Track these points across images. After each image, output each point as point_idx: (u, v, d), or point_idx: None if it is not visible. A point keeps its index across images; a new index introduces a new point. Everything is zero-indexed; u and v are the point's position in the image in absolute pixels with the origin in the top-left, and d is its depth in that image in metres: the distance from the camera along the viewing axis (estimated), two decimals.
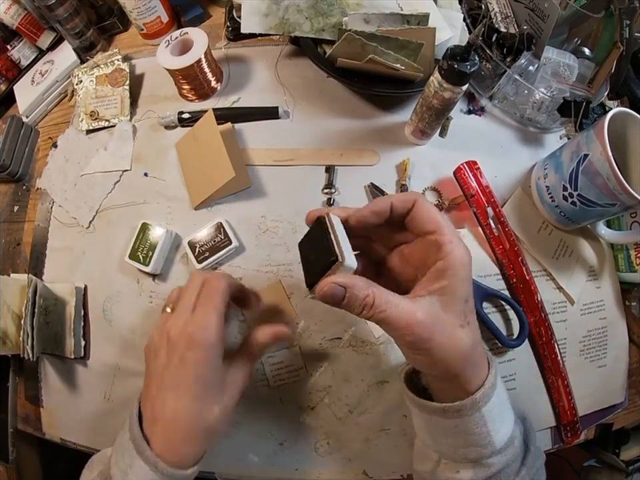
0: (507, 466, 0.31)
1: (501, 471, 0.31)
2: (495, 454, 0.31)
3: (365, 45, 0.44)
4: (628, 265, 0.48)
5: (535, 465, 0.32)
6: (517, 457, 0.31)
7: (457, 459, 0.32)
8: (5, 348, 0.43)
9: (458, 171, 0.47)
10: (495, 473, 0.30)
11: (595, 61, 0.52)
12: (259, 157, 0.50)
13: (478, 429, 0.30)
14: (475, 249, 0.47)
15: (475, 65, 0.37)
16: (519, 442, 0.32)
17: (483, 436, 0.30)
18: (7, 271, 0.52)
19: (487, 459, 0.31)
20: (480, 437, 0.30)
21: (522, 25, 0.51)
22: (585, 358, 0.47)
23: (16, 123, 0.55)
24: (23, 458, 0.53)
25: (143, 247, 0.46)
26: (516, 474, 0.31)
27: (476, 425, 0.30)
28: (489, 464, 0.31)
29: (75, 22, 0.55)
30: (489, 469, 0.31)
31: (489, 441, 0.30)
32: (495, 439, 0.30)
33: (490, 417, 0.30)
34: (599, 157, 0.38)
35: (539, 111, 0.50)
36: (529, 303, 0.45)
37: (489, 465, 0.31)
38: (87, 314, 0.49)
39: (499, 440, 0.31)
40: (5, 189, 0.57)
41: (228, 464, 0.46)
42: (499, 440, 0.31)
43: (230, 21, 0.56)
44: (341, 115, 0.52)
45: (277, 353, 0.45)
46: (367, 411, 0.45)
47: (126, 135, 0.53)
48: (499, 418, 0.31)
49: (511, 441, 0.31)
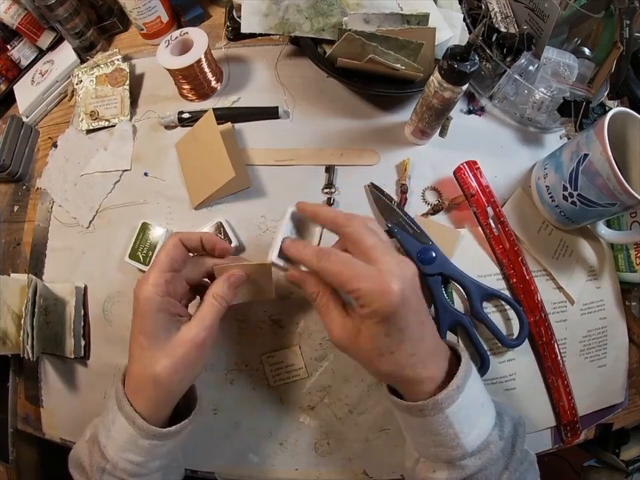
0: (484, 469, 0.31)
1: (477, 473, 0.31)
2: (468, 456, 0.31)
3: (365, 45, 0.44)
4: (628, 265, 0.48)
5: (519, 469, 0.32)
6: (495, 461, 0.31)
7: (431, 459, 0.33)
8: (5, 348, 0.43)
9: (458, 170, 0.47)
10: (470, 475, 0.31)
11: (595, 61, 0.52)
12: (259, 157, 0.50)
13: (443, 429, 0.30)
14: (475, 248, 0.47)
15: (474, 65, 0.37)
16: (497, 447, 0.31)
17: (449, 437, 0.30)
18: (7, 271, 0.52)
19: (459, 460, 0.31)
20: (446, 438, 0.31)
21: (522, 25, 0.51)
22: (585, 358, 0.47)
23: (16, 123, 0.55)
24: (23, 458, 0.54)
25: (143, 247, 0.46)
26: (497, 478, 0.31)
27: (441, 425, 0.30)
28: (462, 466, 0.31)
29: (75, 22, 0.55)
30: (463, 471, 0.31)
31: (457, 443, 0.30)
32: (464, 441, 0.30)
33: (456, 418, 0.30)
34: (599, 156, 0.38)
35: (539, 111, 0.50)
36: (529, 303, 0.45)
37: (463, 466, 0.31)
38: (87, 314, 0.49)
39: (469, 443, 0.31)
40: (5, 189, 0.57)
41: (228, 464, 0.46)
42: (469, 443, 0.31)
43: (230, 21, 0.56)
44: (341, 115, 0.52)
45: (277, 353, 0.45)
46: (367, 411, 0.45)
47: (126, 134, 0.53)
48: (468, 421, 0.31)
49: (485, 446, 0.31)
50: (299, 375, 0.45)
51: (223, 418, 0.45)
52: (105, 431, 0.34)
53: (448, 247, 0.46)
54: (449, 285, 0.45)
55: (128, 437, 0.33)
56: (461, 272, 0.44)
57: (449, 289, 0.45)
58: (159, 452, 0.34)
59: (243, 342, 0.46)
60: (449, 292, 0.45)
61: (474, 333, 0.43)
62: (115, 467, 0.33)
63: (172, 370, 0.32)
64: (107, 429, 0.34)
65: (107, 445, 0.33)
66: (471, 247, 0.47)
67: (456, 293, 0.45)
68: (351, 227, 0.32)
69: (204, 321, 0.33)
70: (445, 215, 0.48)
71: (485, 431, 0.32)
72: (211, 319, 0.33)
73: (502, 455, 0.31)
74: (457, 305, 0.45)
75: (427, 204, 0.48)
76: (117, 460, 0.33)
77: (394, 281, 0.29)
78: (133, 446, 0.33)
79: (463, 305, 0.45)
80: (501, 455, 0.31)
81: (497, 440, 0.31)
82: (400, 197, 0.48)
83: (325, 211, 0.35)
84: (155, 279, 0.33)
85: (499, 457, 0.31)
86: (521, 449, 0.33)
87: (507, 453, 0.32)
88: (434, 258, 0.43)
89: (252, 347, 0.46)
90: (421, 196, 0.49)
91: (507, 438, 0.32)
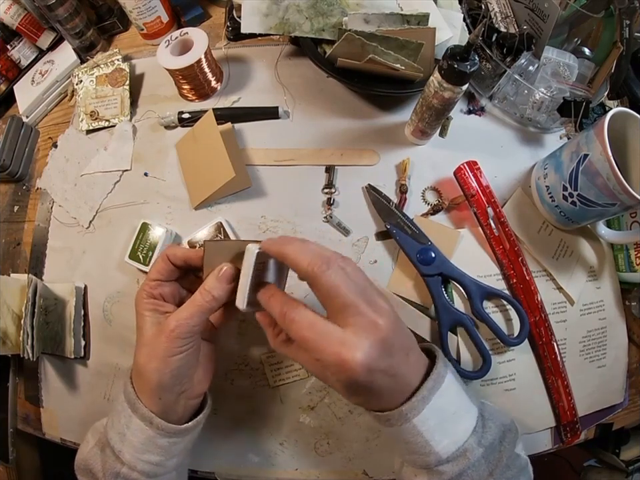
0: (464, 474, 0.30)
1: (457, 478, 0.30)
2: (444, 463, 0.31)
3: (365, 45, 0.44)
4: (628, 264, 0.48)
5: (506, 474, 0.32)
6: (476, 467, 0.31)
7: (410, 464, 0.33)
8: (4, 348, 0.43)
9: (458, 171, 0.47)
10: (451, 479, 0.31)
11: (595, 61, 0.52)
12: (259, 157, 0.50)
13: (413, 438, 0.30)
14: (475, 249, 0.47)
15: (474, 65, 0.37)
16: (474, 454, 0.31)
17: (420, 445, 0.30)
18: (7, 271, 0.53)
19: (436, 466, 0.31)
20: (417, 445, 0.31)
21: (522, 25, 0.51)
22: (584, 358, 0.47)
23: (16, 123, 0.55)
24: (23, 458, 0.54)
25: (142, 247, 0.46)
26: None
27: (410, 434, 0.30)
28: (439, 471, 0.31)
29: (75, 22, 0.55)
30: (441, 476, 0.31)
31: (429, 450, 0.30)
32: (436, 448, 0.30)
33: (425, 427, 0.30)
34: (599, 156, 0.38)
35: (539, 111, 0.50)
36: (529, 303, 0.45)
37: (440, 472, 0.31)
38: (87, 314, 0.49)
39: (443, 450, 0.30)
40: (5, 189, 0.57)
41: (228, 464, 0.46)
42: (443, 450, 0.30)
43: (230, 21, 0.56)
44: (341, 115, 0.52)
45: (277, 353, 0.45)
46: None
47: (126, 135, 0.53)
48: (439, 429, 0.31)
49: (461, 452, 0.31)
50: (298, 375, 0.45)
51: (223, 418, 0.45)
52: (119, 436, 0.34)
53: (448, 247, 0.46)
54: (449, 285, 0.45)
55: (145, 437, 0.33)
56: (460, 271, 0.44)
57: (449, 289, 0.45)
58: (177, 449, 0.35)
59: (243, 342, 0.46)
60: (449, 292, 0.45)
61: (475, 333, 0.43)
62: (131, 469, 0.33)
63: (146, 358, 0.33)
64: (120, 434, 0.34)
65: (122, 450, 0.33)
66: (471, 247, 0.47)
67: (456, 293, 0.45)
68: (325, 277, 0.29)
69: (179, 313, 0.33)
70: (444, 215, 0.48)
71: (459, 438, 0.31)
72: (188, 311, 0.33)
73: (484, 461, 0.31)
74: (457, 305, 0.45)
75: (427, 204, 0.48)
76: (134, 462, 0.33)
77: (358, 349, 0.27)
78: (151, 446, 0.33)
79: (463, 304, 0.45)
80: (483, 461, 0.31)
81: (474, 447, 0.31)
82: (400, 197, 0.48)
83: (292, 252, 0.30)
84: (144, 286, 0.36)
85: (480, 464, 0.31)
86: (509, 455, 0.32)
87: (491, 459, 0.31)
88: (433, 258, 0.44)
89: (252, 347, 0.46)
90: (421, 196, 0.49)
91: (489, 445, 0.32)
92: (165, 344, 0.32)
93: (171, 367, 0.33)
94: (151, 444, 0.33)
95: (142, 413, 0.33)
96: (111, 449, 0.34)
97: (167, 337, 0.32)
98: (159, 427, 0.33)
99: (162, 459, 0.34)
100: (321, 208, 0.48)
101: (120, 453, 0.33)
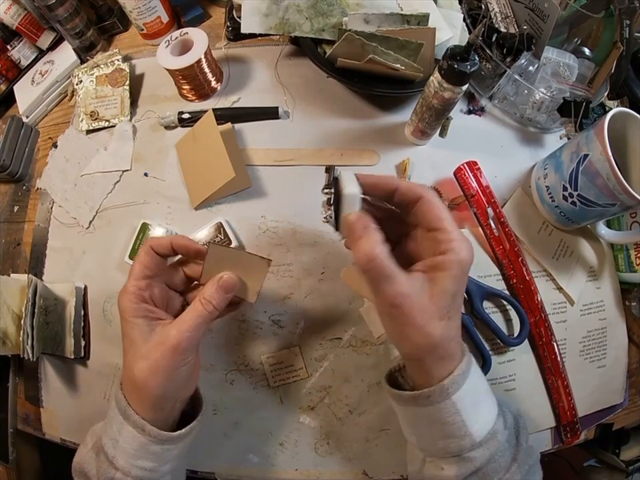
0: (492, 460, 0.31)
1: (486, 465, 0.30)
2: (476, 447, 0.30)
3: (365, 45, 0.44)
4: (628, 264, 0.48)
5: (528, 462, 0.32)
6: (503, 452, 0.31)
7: (439, 454, 0.32)
8: (4, 348, 0.43)
9: (458, 171, 0.47)
10: (480, 467, 0.30)
11: (595, 61, 0.52)
12: (259, 157, 0.50)
13: (451, 417, 0.30)
14: (475, 249, 0.47)
15: (474, 65, 0.37)
16: (503, 436, 0.31)
17: (457, 426, 0.30)
18: (7, 271, 0.53)
19: (468, 452, 0.30)
20: (454, 426, 0.30)
21: (522, 25, 0.51)
22: (584, 358, 0.47)
23: (16, 123, 0.55)
24: (23, 458, 0.54)
25: None
26: (506, 470, 0.31)
27: (448, 413, 0.30)
28: (470, 458, 0.30)
29: (75, 22, 0.55)
30: (472, 464, 0.30)
31: (465, 432, 0.30)
32: (472, 429, 0.30)
33: (462, 405, 0.30)
34: (599, 156, 0.38)
35: (539, 111, 0.50)
36: (529, 304, 0.45)
37: (471, 459, 0.30)
38: (87, 314, 0.49)
39: (477, 432, 0.30)
40: (5, 189, 0.57)
41: (228, 464, 0.46)
42: (477, 432, 0.30)
43: (230, 21, 0.56)
44: (341, 115, 0.52)
45: (277, 353, 0.45)
46: (367, 411, 0.45)
47: (126, 135, 0.53)
48: (474, 408, 0.31)
49: (493, 435, 0.31)
50: (298, 375, 0.45)
51: (223, 418, 0.45)
52: (112, 442, 0.33)
53: None
54: None
55: (138, 444, 0.32)
56: None
57: None
58: (170, 455, 0.34)
59: (243, 342, 0.46)
60: None
61: (475, 333, 0.43)
62: (126, 475, 0.33)
63: (148, 373, 0.31)
64: (113, 440, 0.33)
65: (115, 455, 0.33)
66: None
67: None
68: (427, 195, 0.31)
69: (182, 324, 0.32)
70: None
71: (490, 419, 0.32)
72: (190, 323, 0.32)
73: (508, 445, 0.32)
74: None
75: None
76: (128, 468, 0.33)
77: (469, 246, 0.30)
78: (144, 453, 0.33)
79: (463, 304, 0.45)
80: (507, 445, 0.31)
81: (502, 429, 0.32)
82: None
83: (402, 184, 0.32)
84: (130, 288, 0.33)
85: (506, 448, 0.31)
86: (526, 441, 0.33)
87: (512, 443, 0.32)
88: None
89: (252, 347, 0.46)
90: None
91: (510, 428, 0.32)
92: (169, 359, 0.31)
93: (175, 381, 0.32)
94: (143, 450, 0.33)
95: (134, 420, 0.32)
96: (104, 455, 0.33)
97: (172, 351, 0.31)
98: (151, 434, 0.32)
99: (155, 464, 0.33)
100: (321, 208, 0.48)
101: (114, 458, 0.33)
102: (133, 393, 0.33)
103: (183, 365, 0.32)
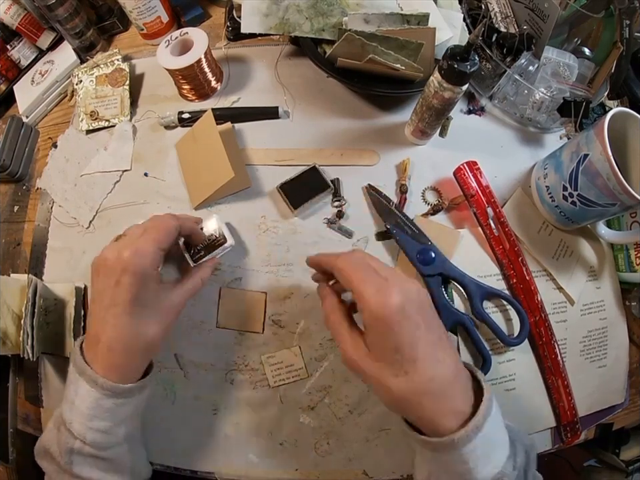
0: None
1: None
2: None
3: (365, 45, 0.44)
4: (628, 264, 0.48)
5: None
6: None
7: None
8: (4, 348, 0.43)
9: (458, 171, 0.47)
10: None
11: (595, 61, 0.52)
12: (259, 157, 0.50)
13: (455, 466, 0.29)
14: (475, 249, 0.47)
15: (474, 65, 0.37)
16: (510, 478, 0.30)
17: (462, 472, 0.29)
18: (7, 271, 0.52)
19: None
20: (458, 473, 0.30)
21: (522, 25, 0.51)
22: (585, 358, 0.47)
23: (16, 122, 0.55)
24: (23, 458, 0.53)
25: None
26: None
27: (455, 462, 0.29)
28: None
29: (75, 22, 0.55)
30: None
31: (469, 478, 0.29)
32: (477, 476, 0.29)
33: (471, 457, 0.29)
34: (599, 156, 0.38)
35: (539, 111, 0.50)
36: (529, 304, 0.45)
37: None
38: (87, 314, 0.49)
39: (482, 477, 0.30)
40: (5, 189, 0.57)
41: (228, 464, 0.46)
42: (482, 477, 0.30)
43: (230, 21, 0.56)
44: (341, 115, 0.52)
45: (277, 353, 0.45)
46: (367, 411, 0.45)
47: (126, 135, 0.53)
48: (483, 457, 0.30)
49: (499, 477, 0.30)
50: (298, 375, 0.45)
51: (223, 418, 0.45)
52: (69, 404, 0.34)
53: (448, 248, 0.46)
54: (449, 285, 0.45)
55: (92, 400, 0.33)
56: (460, 271, 0.44)
57: (449, 289, 0.45)
58: (123, 412, 0.35)
59: (243, 342, 0.46)
60: (449, 292, 0.45)
61: (475, 333, 0.43)
62: (83, 443, 0.33)
63: (162, 334, 0.36)
64: (70, 402, 0.34)
65: (72, 420, 0.34)
66: (471, 248, 0.47)
67: (456, 293, 0.45)
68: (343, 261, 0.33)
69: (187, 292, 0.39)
70: (444, 215, 0.48)
71: (499, 464, 0.30)
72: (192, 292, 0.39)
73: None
74: (457, 305, 0.45)
75: (427, 204, 0.48)
76: (84, 432, 0.33)
77: (395, 292, 0.29)
78: (97, 410, 0.33)
79: (463, 304, 0.45)
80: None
81: (510, 471, 0.30)
82: (400, 197, 0.48)
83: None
84: (154, 255, 0.35)
85: None
86: (533, 474, 0.32)
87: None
88: (433, 258, 0.44)
89: (252, 347, 0.46)
90: (420, 196, 0.49)
91: (520, 467, 0.31)
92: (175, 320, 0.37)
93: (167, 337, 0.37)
94: (97, 407, 0.33)
95: (88, 374, 0.33)
96: (64, 424, 0.34)
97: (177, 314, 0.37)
98: (103, 386, 0.33)
99: (109, 424, 0.34)
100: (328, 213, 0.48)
101: (70, 424, 0.33)
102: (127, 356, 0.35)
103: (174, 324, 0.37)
